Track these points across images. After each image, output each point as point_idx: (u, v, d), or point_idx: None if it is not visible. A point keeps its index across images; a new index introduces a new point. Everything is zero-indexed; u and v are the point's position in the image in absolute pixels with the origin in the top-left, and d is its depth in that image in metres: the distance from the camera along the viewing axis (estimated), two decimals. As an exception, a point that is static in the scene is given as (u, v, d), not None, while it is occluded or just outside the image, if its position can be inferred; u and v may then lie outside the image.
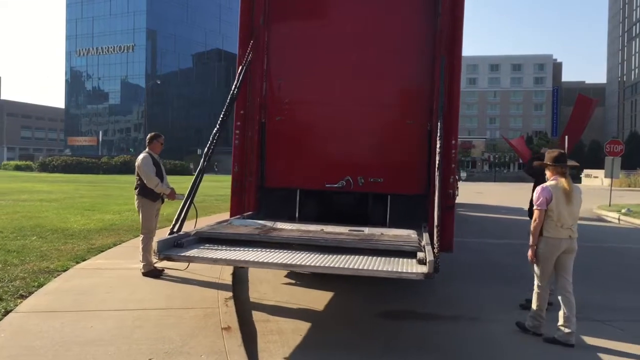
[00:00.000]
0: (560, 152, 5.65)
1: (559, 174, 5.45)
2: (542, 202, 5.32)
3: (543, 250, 5.36)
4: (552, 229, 5.31)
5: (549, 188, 5.37)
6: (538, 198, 5.36)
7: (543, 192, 5.35)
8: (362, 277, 4.62)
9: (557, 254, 5.35)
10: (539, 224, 5.33)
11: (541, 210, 5.31)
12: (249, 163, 7.76)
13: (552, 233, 5.31)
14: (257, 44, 7.70)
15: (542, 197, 5.34)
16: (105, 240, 10.02)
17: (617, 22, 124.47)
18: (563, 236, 5.32)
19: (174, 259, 4.80)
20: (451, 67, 7.34)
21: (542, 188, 5.39)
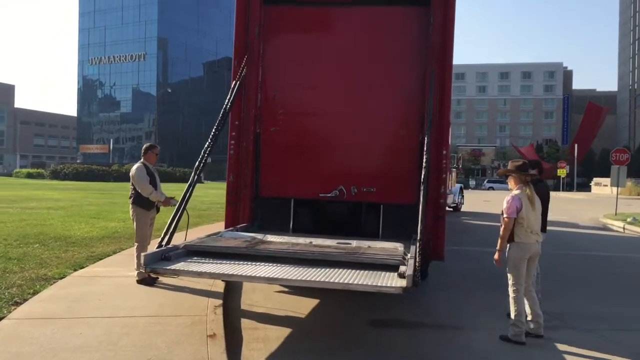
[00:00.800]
0: (524, 161, 6.02)
1: (522, 182, 5.77)
2: (513, 211, 5.59)
3: (515, 255, 5.64)
4: (523, 235, 5.62)
5: (519, 197, 5.64)
6: (510, 207, 5.60)
7: (514, 201, 5.61)
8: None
9: (527, 258, 5.67)
10: (509, 231, 5.61)
11: (511, 219, 5.59)
12: (244, 173, 7.89)
13: (523, 239, 5.62)
14: (252, 56, 7.85)
15: (513, 205, 5.60)
16: (106, 248, 10.18)
17: (627, 30, 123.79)
18: (532, 241, 5.67)
19: (159, 272, 4.92)
20: (442, 81, 7.48)
21: (513, 197, 5.65)
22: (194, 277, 5.31)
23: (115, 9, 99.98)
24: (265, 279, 4.88)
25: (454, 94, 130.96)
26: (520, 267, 5.63)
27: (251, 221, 7.87)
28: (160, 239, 5.57)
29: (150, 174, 7.58)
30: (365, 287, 4.59)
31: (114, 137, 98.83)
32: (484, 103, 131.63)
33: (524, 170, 5.83)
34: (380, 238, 7.69)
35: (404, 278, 4.60)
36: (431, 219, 7.55)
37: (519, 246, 5.64)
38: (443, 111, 7.57)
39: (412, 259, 5.19)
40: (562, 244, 14.11)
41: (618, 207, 24.70)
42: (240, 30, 7.92)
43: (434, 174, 7.56)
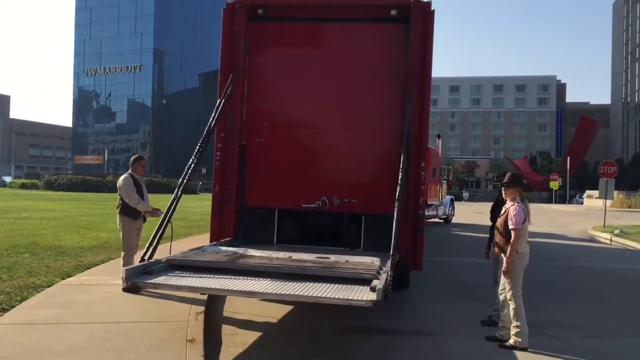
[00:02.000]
0: (520, 174, 6.39)
1: (520, 194, 6.01)
2: (521, 222, 5.78)
3: (519, 265, 5.86)
4: (524, 245, 5.89)
5: (523, 208, 5.87)
6: (519, 218, 5.78)
7: (522, 213, 5.82)
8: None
9: (525, 266, 5.95)
10: (519, 242, 5.80)
11: (519, 229, 5.76)
12: (229, 183, 8.09)
13: (524, 249, 5.90)
14: (238, 71, 8.08)
15: (522, 216, 5.81)
16: (95, 257, 10.35)
17: (621, 44, 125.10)
18: (528, 250, 5.98)
19: (140, 286, 5.08)
20: (422, 97, 7.77)
21: (519, 209, 5.84)
22: (173, 290, 5.48)
23: (112, 21, 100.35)
24: (241, 292, 5.07)
25: (449, 106, 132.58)
26: (520, 277, 5.88)
27: (236, 231, 8.05)
28: (143, 253, 5.76)
29: (137, 184, 7.78)
30: (336, 300, 4.76)
31: (109, 148, 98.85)
32: (478, 115, 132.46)
33: (522, 184, 6.14)
34: (361, 248, 7.91)
35: (374, 292, 4.77)
36: (410, 230, 7.78)
37: (521, 256, 5.86)
38: (422, 125, 7.83)
39: (385, 272, 5.37)
40: (548, 255, 14.33)
41: (608, 219, 24.93)
42: (226, 47, 8.16)
43: (413, 186, 7.79)
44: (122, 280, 4.98)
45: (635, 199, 46.97)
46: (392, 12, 7.91)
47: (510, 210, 5.89)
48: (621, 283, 10.68)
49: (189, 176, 6.88)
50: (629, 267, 13.21)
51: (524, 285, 5.97)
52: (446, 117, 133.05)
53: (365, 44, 8.22)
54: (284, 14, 8.44)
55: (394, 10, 7.90)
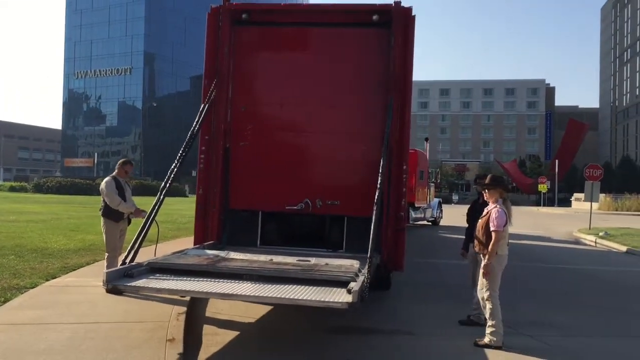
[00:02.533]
0: (502, 177, 6.46)
1: (502, 197, 6.12)
2: (502, 224, 5.85)
3: (498, 267, 5.92)
4: (503, 247, 5.95)
5: (504, 211, 5.95)
6: (501, 220, 5.84)
7: (503, 216, 5.89)
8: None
9: (503, 268, 6.02)
10: (499, 244, 5.85)
11: (501, 231, 5.83)
12: (213, 186, 8.18)
13: (504, 250, 5.96)
14: (222, 74, 8.17)
15: (503, 219, 5.87)
16: (81, 259, 10.39)
17: (608, 48, 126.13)
18: (507, 252, 6.03)
19: (120, 289, 5.16)
20: (403, 101, 7.90)
21: (501, 211, 5.92)
22: (153, 293, 5.55)
23: (102, 23, 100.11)
24: (220, 295, 5.18)
25: (439, 109, 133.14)
26: (498, 278, 5.95)
27: (220, 234, 8.14)
28: (124, 256, 5.83)
29: (120, 187, 7.85)
30: (313, 302, 4.87)
31: (99, 151, 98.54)
32: (468, 119, 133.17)
33: (504, 185, 6.25)
34: (344, 250, 8.02)
35: (350, 294, 4.86)
36: (392, 231, 7.90)
37: (500, 258, 5.92)
38: (403, 129, 7.95)
39: (363, 275, 5.48)
40: (532, 256, 14.52)
41: (596, 222, 25.18)
42: (211, 51, 8.25)
43: (395, 189, 7.91)
44: (103, 283, 5.06)
45: (622, 201, 47.43)
46: (374, 17, 8.04)
47: (492, 213, 5.94)
48: (601, 284, 10.86)
49: (172, 180, 6.98)
50: (611, 268, 13.40)
51: (504, 285, 6.09)
52: (436, 120, 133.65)
53: (348, 49, 8.33)
54: (267, 19, 8.55)
55: (375, 16, 8.03)
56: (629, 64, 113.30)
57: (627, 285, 10.85)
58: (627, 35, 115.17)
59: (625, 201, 47.45)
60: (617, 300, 9.24)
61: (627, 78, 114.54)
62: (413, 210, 21.39)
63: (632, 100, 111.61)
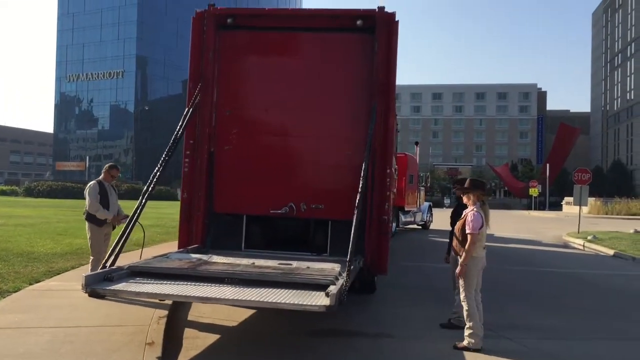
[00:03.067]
0: (482, 180, 6.44)
1: (480, 200, 6.18)
2: (478, 227, 5.92)
3: (474, 269, 6.00)
4: (479, 249, 6.02)
5: (480, 214, 6.02)
6: (476, 222, 5.92)
7: (479, 218, 5.97)
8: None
9: (480, 270, 6.10)
10: (475, 245, 5.93)
11: (476, 234, 5.90)
12: (198, 190, 8.19)
13: (479, 253, 6.03)
14: (207, 78, 8.20)
15: (479, 221, 5.95)
16: (66, 263, 10.37)
17: (600, 52, 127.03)
18: (483, 254, 6.11)
19: (99, 292, 5.16)
20: (386, 106, 7.96)
21: (477, 214, 5.99)
22: (132, 297, 5.55)
23: (94, 27, 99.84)
24: (198, 298, 5.18)
25: (431, 113, 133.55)
26: (474, 280, 6.01)
27: (204, 237, 8.15)
28: (104, 260, 5.83)
29: (104, 191, 7.86)
30: (291, 305, 4.90)
31: (91, 154, 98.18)
32: (461, 123, 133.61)
33: (483, 189, 6.26)
34: (328, 253, 8.04)
35: (328, 297, 4.90)
36: (375, 235, 7.94)
37: (475, 260, 6.00)
38: (387, 133, 8.00)
39: (343, 278, 5.52)
40: (519, 260, 14.62)
41: (585, 225, 25.27)
42: (196, 55, 8.29)
43: (378, 192, 7.96)
44: (82, 286, 5.06)
45: (612, 205, 47.67)
46: (358, 22, 8.09)
47: (468, 215, 6.03)
48: (586, 287, 10.94)
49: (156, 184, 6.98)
50: (597, 271, 13.49)
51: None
52: (429, 124, 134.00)
53: (333, 53, 8.37)
54: (252, 24, 8.58)
55: (359, 21, 8.08)
56: (620, 68, 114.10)
57: (611, 287, 10.93)
58: (618, 40, 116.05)
59: (615, 205, 47.67)
60: (599, 302, 9.32)
61: (618, 82, 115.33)
62: (403, 214, 21.42)
63: (623, 104, 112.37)
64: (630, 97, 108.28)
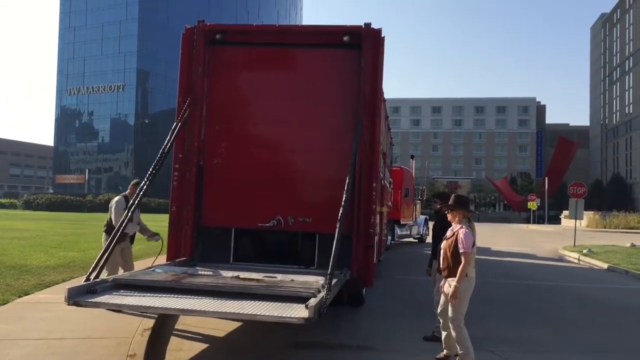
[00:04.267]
0: (466, 196, 6.16)
1: (466, 217, 5.83)
2: (470, 245, 5.58)
3: (467, 290, 5.64)
4: (471, 269, 5.65)
5: (470, 232, 5.68)
6: (468, 241, 5.56)
7: (470, 236, 5.62)
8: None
9: (471, 291, 5.74)
10: (468, 266, 5.58)
11: (469, 252, 5.54)
12: (187, 203, 8.26)
13: (471, 273, 5.66)
14: (196, 93, 8.30)
15: (471, 240, 5.60)
16: (57, 276, 10.42)
17: (598, 66, 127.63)
18: (474, 274, 5.73)
19: (82, 304, 5.22)
20: (372, 121, 8.06)
21: (467, 232, 5.64)
22: (114, 309, 5.58)
23: (95, 41, 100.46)
24: (180, 310, 5.24)
25: (431, 127, 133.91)
26: (466, 302, 5.68)
27: (193, 250, 8.21)
28: (88, 273, 5.87)
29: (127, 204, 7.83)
30: (270, 317, 4.96)
31: (92, 167, 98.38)
32: (460, 136, 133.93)
33: (468, 206, 5.90)
34: (315, 266, 8.09)
35: (307, 309, 4.96)
36: (362, 248, 7.99)
37: (470, 281, 5.65)
38: (373, 147, 8.09)
39: (324, 290, 5.56)
40: (512, 273, 14.63)
41: (583, 239, 25.25)
42: (185, 70, 8.38)
43: (365, 206, 8.02)
44: (65, 298, 5.11)
45: (610, 219, 47.66)
46: (345, 38, 8.19)
47: (459, 233, 5.66)
48: (577, 300, 10.94)
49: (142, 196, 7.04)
50: (589, 285, 13.48)
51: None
52: (429, 138, 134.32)
53: (320, 69, 8.48)
54: (241, 39, 8.69)
55: (346, 37, 8.19)
56: (618, 82, 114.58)
57: (601, 301, 10.94)
58: (616, 54, 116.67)
59: (613, 219, 47.68)
60: (587, 315, 9.33)
61: (617, 96, 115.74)
62: (398, 227, 21.47)
63: (621, 118, 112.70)
64: (629, 110, 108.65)
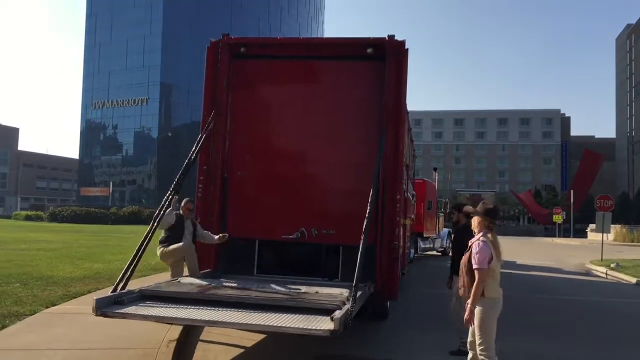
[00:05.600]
0: (496, 205, 5.55)
1: (488, 227, 5.12)
2: (485, 260, 4.89)
3: (490, 313, 4.95)
4: (493, 288, 4.96)
5: (488, 244, 4.97)
6: (482, 255, 4.89)
7: (486, 250, 4.91)
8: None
9: (498, 314, 5.02)
10: (484, 284, 4.91)
11: (484, 269, 4.87)
12: (211, 215, 8.31)
13: (493, 293, 4.96)
14: (220, 106, 8.38)
15: (486, 254, 4.91)
16: (84, 287, 10.52)
17: (624, 78, 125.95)
18: (500, 295, 5.04)
19: (109, 315, 5.30)
20: (396, 132, 8.04)
21: (483, 245, 4.94)
22: (140, 319, 5.62)
23: (120, 55, 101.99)
24: (204, 322, 5.27)
25: (453, 139, 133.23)
26: (493, 326, 4.97)
27: (217, 262, 8.25)
28: (115, 284, 5.93)
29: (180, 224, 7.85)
30: (296, 329, 4.95)
31: (115, 180, 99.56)
32: (483, 148, 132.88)
33: (493, 216, 5.21)
34: (339, 279, 8.07)
35: (333, 321, 4.93)
36: (386, 260, 7.95)
37: (491, 302, 4.94)
38: (397, 159, 8.07)
39: (349, 303, 5.54)
40: (538, 287, 14.42)
41: (610, 253, 24.79)
42: (210, 83, 8.48)
43: (389, 218, 7.99)
44: (92, 309, 5.19)
45: (637, 232, 46.77)
46: (368, 51, 8.22)
47: (473, 247, 5.03)
48: (603, 315, 10.74)
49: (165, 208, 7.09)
50: (617, 299, 13.25)
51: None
52: (451, 150, 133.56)
53: (343, 81, 8.51)
54: (265, 52, 8.77)
55: (369, 49, 8.21)
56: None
57: (627, 315, 10.73)
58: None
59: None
60: (613, 330, 9.16)
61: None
62: (421, 240, 21.31)
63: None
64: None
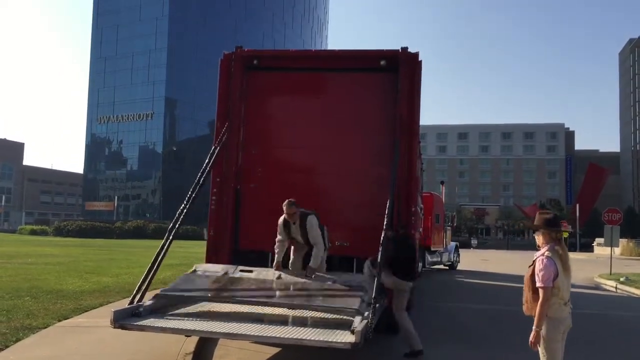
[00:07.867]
0: (556, 214, 5.00)
1: (554, 240, 4.63)
2: (550, 278, 4.42)
3: (552, 334, 4.50)
4: (557, 307, 4.50)
5: (554, 260, 4.47)
6: (547, 273, 4.42)
7: (550, 266, 4.43)
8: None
9: (562, 335, 4.60)
10: (549, 303, 4.44)
11: (548, 288, 4.40)
12: (224, 227, 8.29)
13: (557, 312, 4.50)
14: (233, 118, 8.39)
15: (551, 271, 4.42)
16: (94, 301, 10.48)
17: (628, 92, 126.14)
18: (566, 314, 4.58)
19: (127, 327, 5.30)
20: (410, 144, 8.01)
21: (548, 261, 4.44)
22: (158, 332, 5.61)
23: (125, 70, 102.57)
24: (223, 334, 5.25)
25: (457, 153, 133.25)
26: (557, 348, 4.52)
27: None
28: (132, 296, 5.90)
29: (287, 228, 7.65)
30: (317, 342, 4.92)
31: (120, 195, 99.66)
32: (487, 162, 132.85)
33: (555, 226, 4.71)
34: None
35: (354, 334, 4.90)
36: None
37: (553, 322, 4.49)
38: (411, 171, 8.05)
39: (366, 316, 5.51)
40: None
41: (618, 267, 24.58)
42: (223, 95, 8.52)
43: (403, 230, 7.95)
44: (110, 322, 5.17)
45: (645, 246, 46.44)
46: (382, 62, 8.25)
47: (536, 263, 4.54)
48: (611, 328, 10.63)
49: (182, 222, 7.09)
50: (632, 314, 13.12)
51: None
52: (455, 164, 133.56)
53: (356, 93, 8.53)
54: (278, 64, 8.82)
55: (383, 61, 8.24)
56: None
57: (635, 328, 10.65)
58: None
59: (648, 246, 46.46)
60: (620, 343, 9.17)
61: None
62: (429, 254, 21.19)
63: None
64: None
